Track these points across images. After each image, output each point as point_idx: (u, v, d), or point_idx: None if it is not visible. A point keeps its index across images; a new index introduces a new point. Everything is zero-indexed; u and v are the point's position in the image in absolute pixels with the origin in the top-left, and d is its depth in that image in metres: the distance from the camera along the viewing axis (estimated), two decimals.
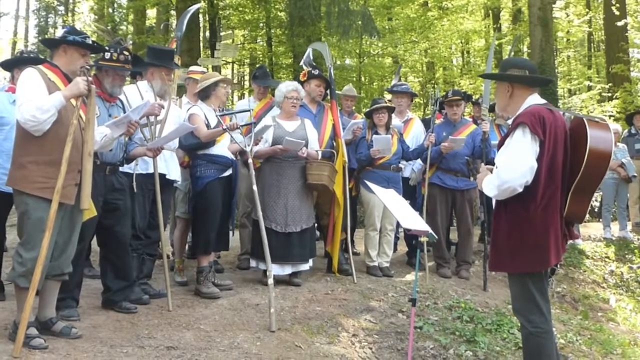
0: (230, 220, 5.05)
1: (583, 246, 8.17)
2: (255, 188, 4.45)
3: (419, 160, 6.26)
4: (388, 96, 8.12)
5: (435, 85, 18.77)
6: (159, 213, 4.35)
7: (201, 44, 15.85)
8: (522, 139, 3.07)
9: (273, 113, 5.48)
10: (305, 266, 5.28)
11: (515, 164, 3.05)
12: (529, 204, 3.09)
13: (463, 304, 5.14)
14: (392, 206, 3.94)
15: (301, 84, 5.58)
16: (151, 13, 18.77)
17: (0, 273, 4.45)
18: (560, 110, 3.54)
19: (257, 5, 15.04)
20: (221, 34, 15.26)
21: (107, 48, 3.94)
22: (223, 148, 4.89)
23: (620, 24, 14.02)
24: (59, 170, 3.22)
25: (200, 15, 15.52)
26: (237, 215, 5.79)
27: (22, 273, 3.27)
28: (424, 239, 3.84)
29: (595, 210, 10.21)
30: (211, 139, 4.76)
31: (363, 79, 16.26)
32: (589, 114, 13.88)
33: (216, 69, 10.62)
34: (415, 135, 6.53)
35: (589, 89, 17.39)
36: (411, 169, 6.46)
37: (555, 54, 16.31)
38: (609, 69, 14.94)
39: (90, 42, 3.59)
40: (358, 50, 15.48)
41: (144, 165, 4.45)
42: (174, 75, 4.85)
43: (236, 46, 12.25)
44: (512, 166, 3.06)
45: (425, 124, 6.69)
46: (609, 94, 15.03)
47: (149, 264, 4.70)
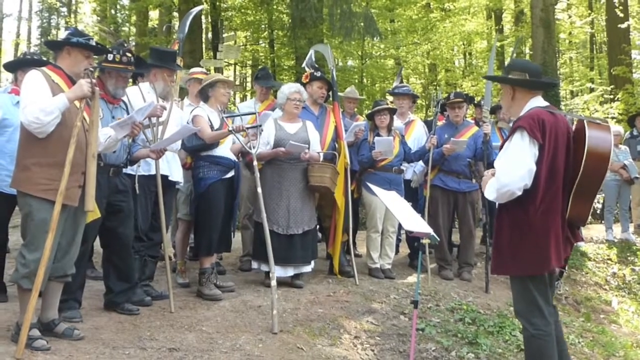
0: (232, 221, 5.05)
1: (585, 248, 8.16)
2: (259, 191, 4.45)
3: (420, 162, 6.25)
4: (390, 98, 8.12)
5: (437, 87, 18.78)
6: (161, 215, 4.35)
7: (203, 46, 15.87)
8: (521, 143, 3.07)
9: (275, 115, 5.48)
10: (308, 268, 5.28)
11: (514, 168, 3.05)
12: (528, 207, 3.09)
13: (465, 306, 5.14)
14: (394, 208, 3.95)
15: (303, 85, 5.58)
16: (153, 14, 18.79)
17: (3, 274, 4.47)
18: (563, 113, 3.54)
19: (260, 7, 15.06)
20: (223, 36, 15.26)
21: (110, 49, 3.95)
22: (226, 149, 4.89)
23: (623, 25, 14.01)
24: (63, 172, 3.23)
25: (203, 17, 15.55)
26: (239, 217, 5.80)
27: (25, 274, 3.27)
28: (426, 241, 3.84)
29: (598, 212, 10.19)
30: (215, 140, 4.76)
31: (365, 80, 16.26)
32: (591, 115, 13.86)
33: (218, 70, 10.62)
34: (416, 137, 6.53)
35: (591, 90, 17.36)
36: (412, 171, 6.45)
37: (557, 56, 16.30)
38: (611, 71, 14.92)
39: (94, 44, 3.58)
40: (360, 52, 15.49)
41: (146, 167, 4.45)
42: (176, 76, 4.85)
43: (238, 48, 12.24)
44: (511, 170, 3.06)
45: (427, 126, 6.69)
46: (611, 96, 15.01)
47: (151, 265, 4.71)
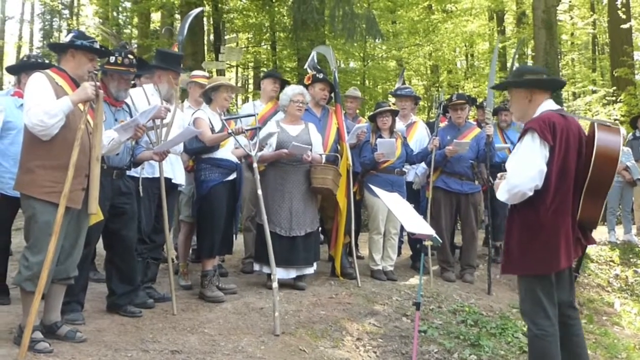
0: (235, 223, 5.05)
1: (588, 250, 8.10)
2: (260, 193, 4.46)
3: (422, 164, 6.25)
4: (392, 99, 8.11)
5: (439, 89, 18.77)
6: (164, 217, 4.36)
7: (205, 48, 15.87)
8: (531, 144, 3.13)
9: (277, 117, 5.48)
10: (310, 270, 5.28)
11: (524, 169, 3.12)
12: (539, 207, 3.15)
13: (467, 307, 5.13)
14: (396, 210, 3.95)
15: (306, 87, 5.58)
16: (155, 17, 18.81)
17: (6, 277, 4.47)
18: (576, 116, 3.63)
19: (261, 9, 15.07)
20: (225, 38, 15.31)
21: (113, 52, 3.96)
22: (227, 152, 4.90)
23: (625, 27, 13.99)
24: (67, 174, 3.23)
25: (205, 19, 15.55)
26: (241, 219, 5.79)
27: (28, 277, 3.27)
28: (428, 243, 3.84)
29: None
30: (216, 143, 4.77)
31: (367, 82, 16.26)
32: (593, 117, 13.86)
33: (220, 72, 10.62)
34: (418, 138, 6.53)
35: (593, 92, 17.34)
36: (414, 173, 6.45)
37: (559, 57, 16.26)
38: (614, 72, 14.90)
39: (98, 47, 3.59)
40: (362, 54, 15.49)
41: (150, 170, 4.46)
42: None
43: (240, 49, 12.23)
44: (521, 171, 3.12)
45: (430, 128, 6.69)
46: (614, 98, 14.99)
47: (153, 267, 4.71)
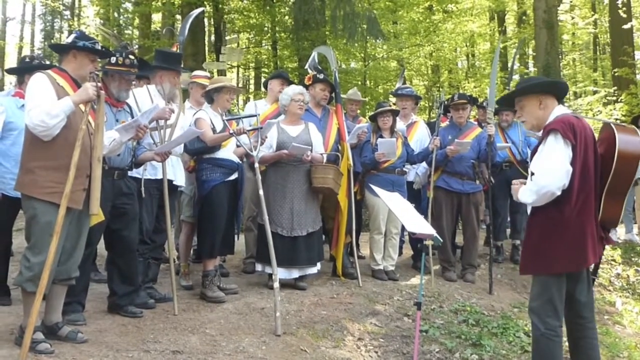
0: (236, 224, 5.05)
1: None
2: (261, 193, 4.46)
3: (423, 164, 6.25)
4: (393, 99, 8.11)
5: (440, 89, 18.76)
6: (166, 217, 4.36)
7: (206, 48, 15.88)
8: (555, 145, 3.18)
9: (280, 119, 5.47)
10: (313, 270, 5.28)
11: (552, 169, 3.15)
12: (564, 207, 3.19)
13: (469, 307, 5.13)
14: (397, 209, 3.95)
15: (306, 87, 5.59)
16: (156, 17, 18.84)
17: (7, 277, 4.48)
18: (586, 118, 3.73)
19: (262, 10, 15.07)
20: (226, 38, 15.31)
21: (114, 52, 3.96)
22: (229, 152, 4.90)
23: (626, 26, 13.98)
24: (68, 175, 3.23)
25: (206, 20, 15.56)
26: (243, 219, 5.79)
27: (30, 277, 3.28)
28: (429, 243, 3.83)
29: None
30: (217, 143, 4.77)
31: (368, 82, 16.26)
32: (594, 117, 13.85)
33: (221, 72, 10.63)
34: (419, 138, 6.52)
35: (594, 92, 17.34)
36: (415, 172, 6.44)
37: (560, 57, 16.25)
38: (614, 72, 14.89)
39: (99, 48, 3.60)
40: (363, 54, 15.49)
41: (153, 171, 4.47)
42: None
43: (241, 50, 12.26)
44: (549, 171, 3.16)
45: (430, 128, 6.69)
46: (615, 97, 14.98)
47: (154, 268, 4.72)
